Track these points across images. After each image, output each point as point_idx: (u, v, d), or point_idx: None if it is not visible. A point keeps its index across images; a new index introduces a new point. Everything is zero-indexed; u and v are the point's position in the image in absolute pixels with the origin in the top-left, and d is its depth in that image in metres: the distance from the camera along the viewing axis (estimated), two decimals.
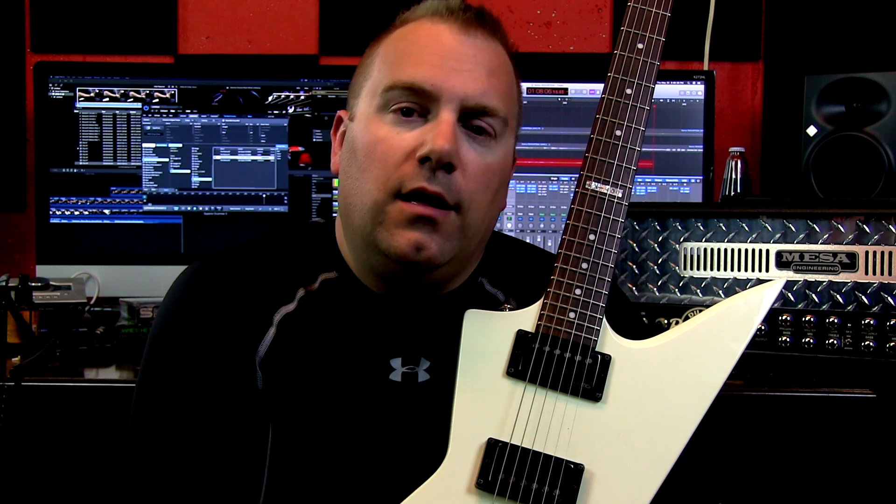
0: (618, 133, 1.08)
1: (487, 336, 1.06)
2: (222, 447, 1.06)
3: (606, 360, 1.05)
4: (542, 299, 1.07)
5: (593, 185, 1.08)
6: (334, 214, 1.33)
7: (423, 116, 1.06)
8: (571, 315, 1.06)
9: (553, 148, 2.10)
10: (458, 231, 1.06)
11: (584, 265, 1.07)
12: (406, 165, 1.04)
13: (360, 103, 1.11)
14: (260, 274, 1.13)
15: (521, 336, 1.06)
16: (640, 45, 1.10)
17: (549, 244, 2.09)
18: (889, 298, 1.59)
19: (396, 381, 1.11)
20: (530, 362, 1.05)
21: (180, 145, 2.08)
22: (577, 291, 1.06)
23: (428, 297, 1.14)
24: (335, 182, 2.05)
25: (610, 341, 1.06)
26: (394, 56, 1.09)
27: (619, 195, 1.08)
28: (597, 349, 1.05)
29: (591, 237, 1.07)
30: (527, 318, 1.07)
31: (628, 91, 1.09)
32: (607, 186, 1.08)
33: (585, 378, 1.05)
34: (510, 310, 1.08)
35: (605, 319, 1.06)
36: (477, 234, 1.10)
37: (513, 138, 1.14)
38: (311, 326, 1.11)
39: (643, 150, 1.10)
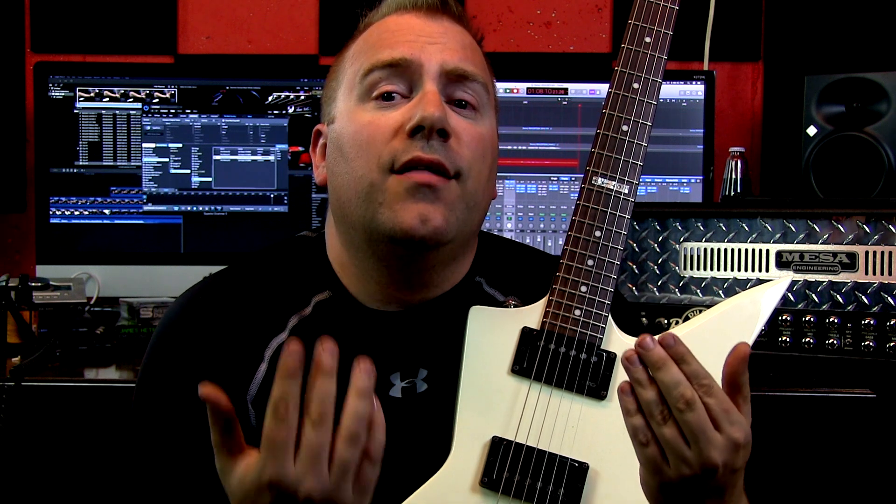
0: (624, 128, 1.08)
1: (492, 333, 1.06)
2: (208, 490, 1.02)
3: (612, 357, 1.05)
4: (547, 296, 1.06)
5: (599, 180, 1.07)
6: (315, 225, 1.29)
7: (405, 98, 1.05)
8: (577, 312, 1.05)
9: (553, 148, 2.10)
10: (460, 201, 1.03)
11: (590, 262, 1.06)
12: (396, 141, 1.02)
13: (338, 104, 1.09)
14: (250, 306, 1.09)
15: (526, 333, 1.05)
16: (647, 39, 1.09)
17: (550, 244, 2.09)
18: (889, 298, 1.59)
19: (397, 398, 1.09)
20: (535, 360, 1.04)
21: (180, 145, 2.07)
22: (583, 288, 1.05)
23: (424, 301, 1.10)
24: None
25: (615, 339, 1.06)
26: (366, 47, 1.08)
27: (626, 191, 1.07)
28: (602, 347, 1.05)
29: (597, 234, 1.06)
30: (532, 315, 1.06)
31: (635, 85, 1.08)
32: (613, 182, 1.07)
33: (591, 376, 1.04)
34: (514, 306, 1.08)
35: (610, 317, 1.06)
36: (478, 207, 1.07)
37: (494, 117, 1.11)
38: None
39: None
